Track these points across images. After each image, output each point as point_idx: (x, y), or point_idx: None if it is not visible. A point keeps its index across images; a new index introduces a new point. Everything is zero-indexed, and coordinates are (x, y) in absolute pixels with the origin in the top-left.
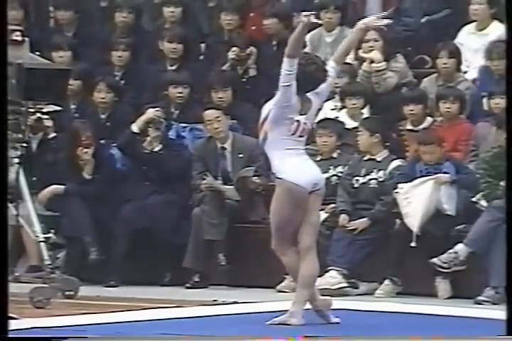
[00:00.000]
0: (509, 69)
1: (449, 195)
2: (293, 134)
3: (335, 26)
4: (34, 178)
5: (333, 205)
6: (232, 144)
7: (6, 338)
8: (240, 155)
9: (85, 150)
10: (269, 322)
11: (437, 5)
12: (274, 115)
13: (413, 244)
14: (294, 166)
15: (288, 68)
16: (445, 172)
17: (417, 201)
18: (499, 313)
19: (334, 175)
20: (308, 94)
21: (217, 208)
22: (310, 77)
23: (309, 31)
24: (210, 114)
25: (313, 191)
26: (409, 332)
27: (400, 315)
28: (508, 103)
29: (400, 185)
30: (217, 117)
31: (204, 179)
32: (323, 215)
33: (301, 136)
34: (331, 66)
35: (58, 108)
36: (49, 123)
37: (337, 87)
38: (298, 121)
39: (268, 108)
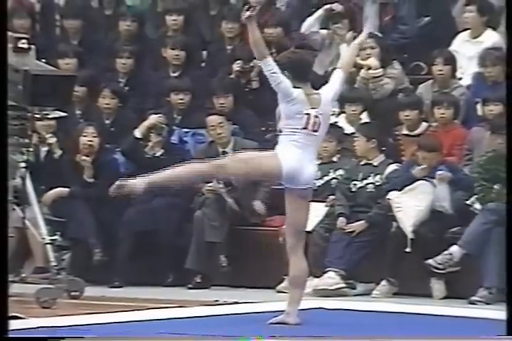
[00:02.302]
0: (509, 74)
1: (445, 194)
2: (305, 128)
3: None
4: (42, 187)
5: (333, 197)
6: (233, 149)
7: (6, 338)
8: None
9: (83, 157)
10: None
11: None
12: (285, 110)
13: (408, 250)
14: (289, 154)
15: (268, 68)
16: None
17: (407, 207)
18: (493, 313)
19: (334, 178)
20: (320, 89)
21: (218, 211)
22: (299, 65)
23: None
24: (213, 119)
25: (294, 189)
26: (405, 331)
27: (396, 314)
28: (508, 108)
29: (390, 193)
30: (220, 123)
31: (207, 182)
32: (324, 210)
33: (315, 131)
34: (338, 76)
35: (63, 113)
36: (52, 140)
37: None
38: (308, 114)
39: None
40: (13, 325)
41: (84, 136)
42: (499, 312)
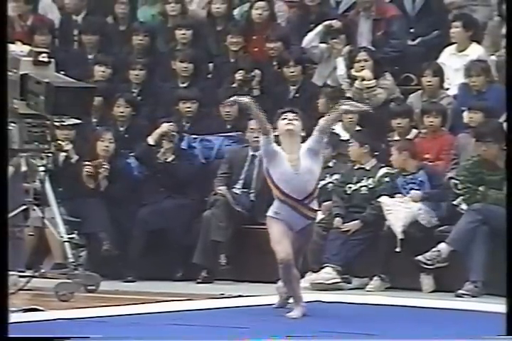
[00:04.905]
0: (509, 81)
1: (424, 210)
2: None
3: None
4: (60, 189)
5: (327, 203)
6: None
7: (6, 338)
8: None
9: (88, 169)
10: (292, 315)
11: (424, 28)
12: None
13: (398, 249)
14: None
15: (265, 143)
16: (421, 181)
17: (397, 210)
18: (478, 305)
19: (330, 182)
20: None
21: (226, 212)
22: None
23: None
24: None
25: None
26: (397, 322)
27: (388, 307)
28: (508, 115)
29: (380, 198)
30: (259, 128)
31: (222, 183)
32: (320, 216)
33: None
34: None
35: (78, 121)
36: (68, 147)
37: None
38: None
39: None
40: (33, 316)
41: (102, 140)
42: (484, 305)
